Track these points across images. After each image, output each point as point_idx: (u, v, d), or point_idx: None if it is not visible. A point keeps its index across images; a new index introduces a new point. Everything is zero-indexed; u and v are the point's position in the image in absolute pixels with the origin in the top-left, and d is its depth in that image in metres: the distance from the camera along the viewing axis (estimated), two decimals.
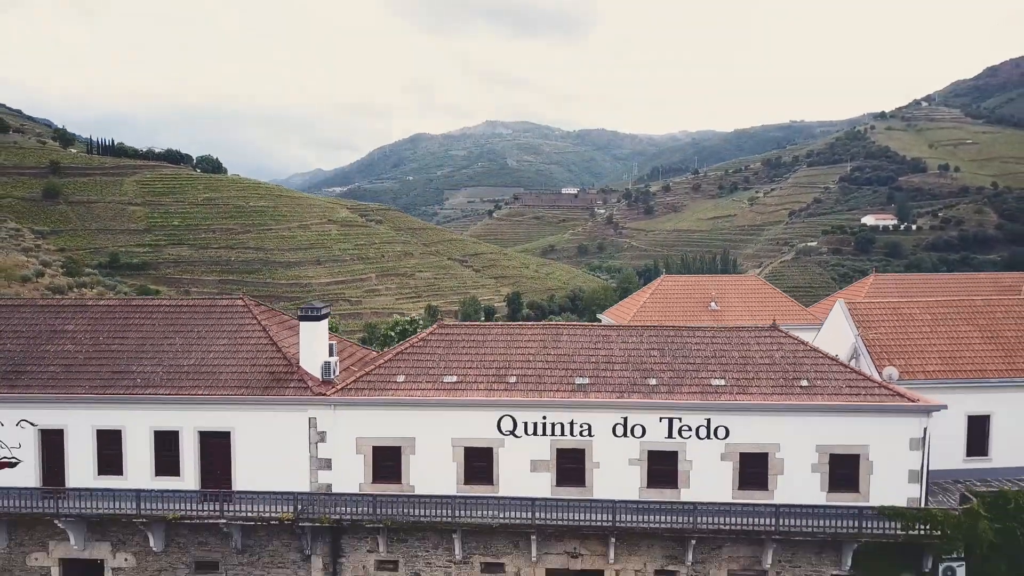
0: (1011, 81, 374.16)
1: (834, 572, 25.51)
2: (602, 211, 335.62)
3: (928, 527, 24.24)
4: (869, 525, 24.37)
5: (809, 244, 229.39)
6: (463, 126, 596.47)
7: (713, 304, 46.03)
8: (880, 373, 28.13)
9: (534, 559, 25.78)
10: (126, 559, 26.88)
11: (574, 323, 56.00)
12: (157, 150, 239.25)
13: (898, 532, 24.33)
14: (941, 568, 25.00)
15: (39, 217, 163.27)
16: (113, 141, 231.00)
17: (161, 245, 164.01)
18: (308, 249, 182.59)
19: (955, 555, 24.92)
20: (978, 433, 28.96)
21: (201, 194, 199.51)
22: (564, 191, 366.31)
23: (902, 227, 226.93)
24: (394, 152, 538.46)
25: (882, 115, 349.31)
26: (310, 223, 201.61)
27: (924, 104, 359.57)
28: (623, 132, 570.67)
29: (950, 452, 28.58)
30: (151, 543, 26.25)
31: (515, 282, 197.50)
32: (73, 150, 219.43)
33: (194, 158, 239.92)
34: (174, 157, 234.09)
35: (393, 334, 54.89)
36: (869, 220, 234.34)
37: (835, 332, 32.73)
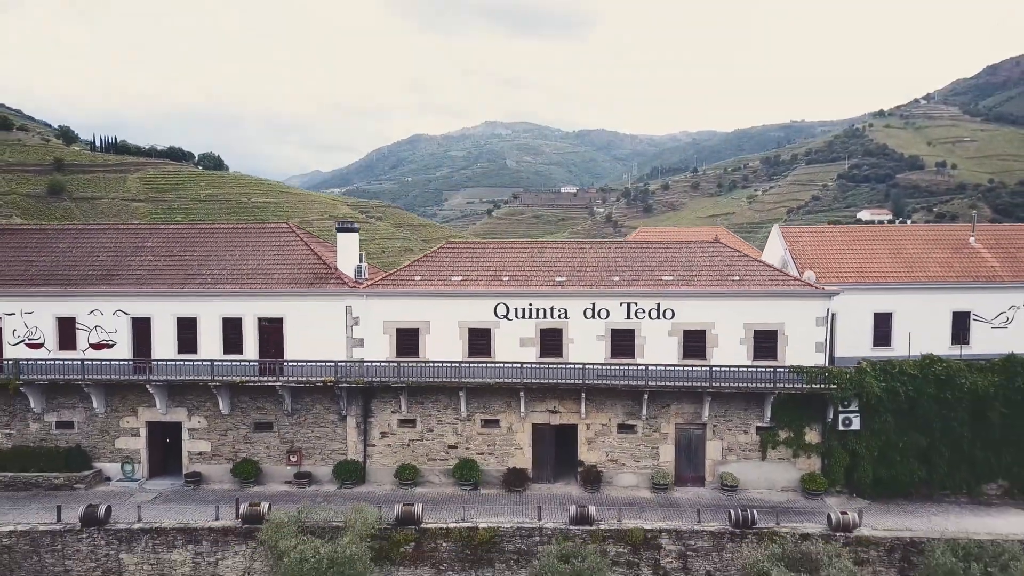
0: (1011, 79, 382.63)
1: (758, 424, 33.32)
2: (601, 210, 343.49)
3: (827, 382, 32.01)
4: (782, 381, 32.14)
5: None
6: (462, 127, 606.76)
7: None
8: (802, 275, 35.98)
9: (523, 415, 33.60)
10: (199, 421, 34.67)
11: (556, 240, 63.20)
12: (160, 148, 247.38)
13: (805, 386, 32.11)
14: (841, 418, 32.75)
15: (44, 213, 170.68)
16: (116, 139, 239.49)
17: None
18: None
19: (851, 407, 32.69)
20: (883, 327, 36.74)
21: (203, 191, 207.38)
22: (563, 190, 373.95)
23: (897, 222, 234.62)
24: (393, 153, 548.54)
25: (880, 113, 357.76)
26: (311, 219, 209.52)
27: (923, 102, 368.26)
28: (623, 132, 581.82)
29: (860, 342, 36.40)
30: (220, 407, 34.05)
31: None
32: (76, 147, 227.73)
33: (196, 155, 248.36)
34: (176, 154, 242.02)
35: None
36: (864, 216, 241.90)
37: (772, 250, 40.73)
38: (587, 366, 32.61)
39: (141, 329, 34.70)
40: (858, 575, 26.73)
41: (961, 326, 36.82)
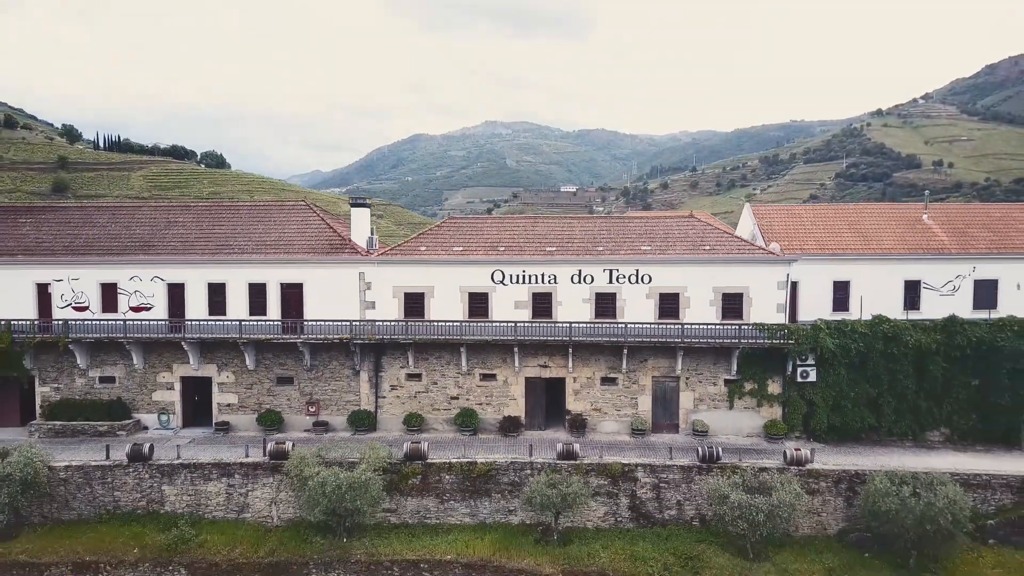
0: (1009, 79, 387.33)
1: (726, 376, 37.79)
2: (600, 208, 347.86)
3: (787, 338, 36.44)
4: (747, 337, 36.58)
5: None
6: (462, 126, 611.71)
7: None
8: (768, 247, 40.43)
9: (516, 370, 38.07)
10: (227, 376, 39.16)
11: (547, 215, 67.33)
12: (162, 146, 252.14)
13: (766, 342, 36.55)
14: (799, 371, 37.21)
15: None
16: (119, 137, 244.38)
17: None
18: None
19: (808, 361, 37.15)
20: (841, 294, 41.11)
21: (206, 188, 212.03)
22: (563, 189, 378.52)
23: None
24: (393, 153, 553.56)
25: (879, 113, 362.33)
26: None
27: (921, 101, 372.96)
28: (623, 132, 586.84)
29: (820, 307, 40.75)
30: (247, 363, 38.53)
31: None
32: (80, 146, 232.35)
33: (198, 154, 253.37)
34: (179, 153, 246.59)
35: None
36: None
37: (744, 226, 45.26)
38: (574, 325, 37.09)
39: (176, 293, 39.20)
40: (804, 497, 31.22)
41: (912, 293, 41.20)
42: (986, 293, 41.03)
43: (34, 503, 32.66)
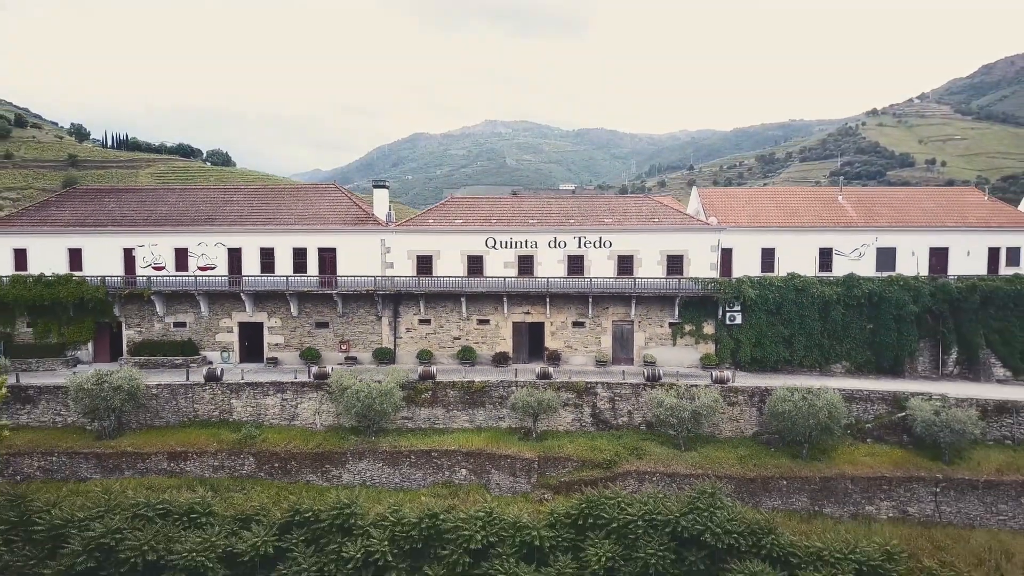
0: (1006, 78, 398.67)
1: (670, 320, 48.83)
2: None
3: (716, 290, 47.44)
4: (685, 288, 47.60)
5: None
6: (462, 125, 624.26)
7: None
8: (708, 220, 51.47)
9: (506, 316, 49.12)
10: (275, 321, 50.22)
11: (530, 196, 77.54)
12: (169, 144, 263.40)
13: (700, 291, 47.55)
14: (728, 315, 48.21)
15: None
16: (127, 136, 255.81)
17: None
18: None
19: (735, 308, 48.15)
20: (768, 258, 52.14)
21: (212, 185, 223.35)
22: (561, 187, 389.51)
23: None
24: (393, 151, 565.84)
25: (874, 112, 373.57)
26: None
27: (917, 101, 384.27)
28: (623, 131, 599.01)
29: (751, 268, 51.79)
30: (291, 310, 49.58)
31: None
32: (89, 144, 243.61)
33: (204, 152, 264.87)
34: (185, 151, 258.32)
35: None
36: None
37: (692, 205, 56.43)
38: (550, 280, 48.18)
39: (234, 256, 50.29)
40: (721, 403, 42.12)
41: (826, 258, 52.23)
42: (886, 258, 52.09)
43: (132, 412, 43.58)
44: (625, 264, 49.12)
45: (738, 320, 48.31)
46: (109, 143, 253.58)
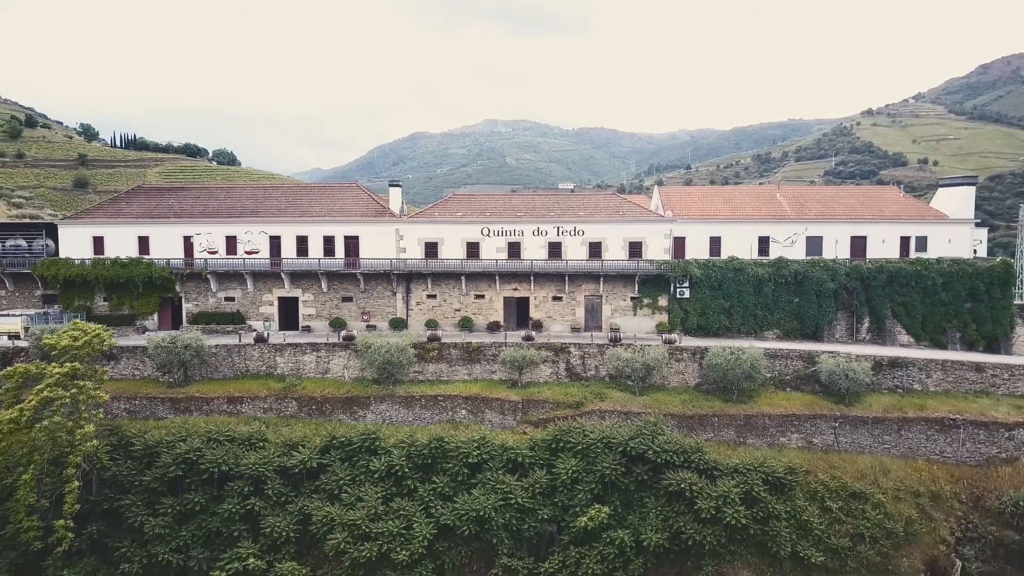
0: (1002, 78, 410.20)
1: (631, 295, 60.98)
2: None
3: (668, 270, 59.54)
4: (643, 269, 59.74)
5: None
6: (463, 124, 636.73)
7: None
8: (664, 213, 63.62)
9: (498, 292, 61.31)
10: (309, 296, 62.42)
11: (518, 193, 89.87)
12: (176, 144, 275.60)
13: (655, 271, 59.67)
14: (678, 290, 60.31)
15: (71, 205, 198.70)
16: (135, 136, 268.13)
17: None
18: None
19: (685, 284, 60.26)
20: (715, 245, 64.20)
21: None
22: (560, 186, 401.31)
23: None
24: (393, 150, 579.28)
25: (869, 112, 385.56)
26: None
27: (912, 101, 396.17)
28: (622, 131, 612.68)
29: (701, 253, 63.83)
30: (322, 287, 61.76)
31: None
32: (97, 144, 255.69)
33: (210, 151, 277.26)
34: (191, 150, 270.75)
35: None
36: None
37: (655, 201, 68.66)
38: (534, 262, 60.32)
39: (275, 242, 62.46)
40: (667, 358, 54.12)
41: (764, 245, 64.27)
42: (815, 245, 64.18)
43: (197, 366, 55.62)
44: (595, 249, 61.27)
45: (687, 294, 60.42)
46: (117, 143, 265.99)
